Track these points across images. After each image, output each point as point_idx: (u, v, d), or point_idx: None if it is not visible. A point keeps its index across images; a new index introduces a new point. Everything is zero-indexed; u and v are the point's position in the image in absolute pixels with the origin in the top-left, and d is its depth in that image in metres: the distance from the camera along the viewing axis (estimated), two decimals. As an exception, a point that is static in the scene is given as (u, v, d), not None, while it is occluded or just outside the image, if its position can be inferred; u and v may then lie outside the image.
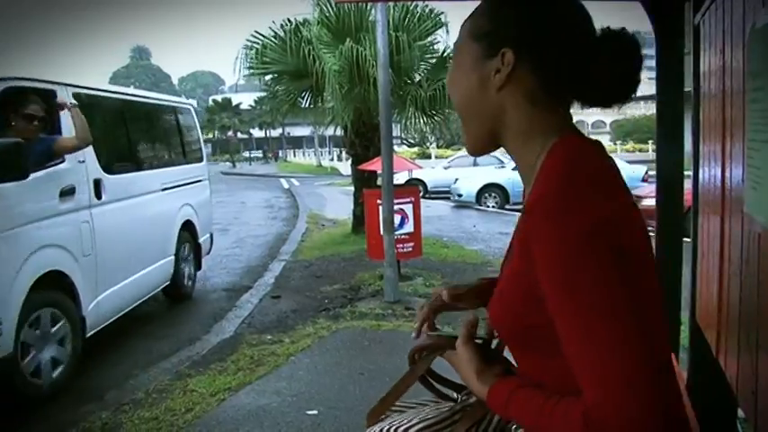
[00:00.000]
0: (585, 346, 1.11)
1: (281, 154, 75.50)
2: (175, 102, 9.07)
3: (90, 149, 5.73)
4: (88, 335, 5.58)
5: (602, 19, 1.35)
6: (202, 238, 8.68)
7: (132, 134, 7.34)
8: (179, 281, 7.84)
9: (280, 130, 77.44)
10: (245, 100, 71.42)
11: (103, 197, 5.96)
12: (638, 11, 3.17)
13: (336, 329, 6.29)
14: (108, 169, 6.14)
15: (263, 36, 11.95)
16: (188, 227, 8.13)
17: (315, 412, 4.41)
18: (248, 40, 11.95)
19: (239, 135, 76.77)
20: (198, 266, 8.59)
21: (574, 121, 1.40)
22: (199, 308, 7.85)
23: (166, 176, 7.67)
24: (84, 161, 5.67)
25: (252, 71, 12.19)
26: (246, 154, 76.12)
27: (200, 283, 9.06)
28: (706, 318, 2.57)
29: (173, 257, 7.58)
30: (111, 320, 6.11)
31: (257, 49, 11.83)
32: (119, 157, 6.80)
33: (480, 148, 1.42)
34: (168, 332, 6.82)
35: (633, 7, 3.16)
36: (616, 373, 1.07)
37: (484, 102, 1.34)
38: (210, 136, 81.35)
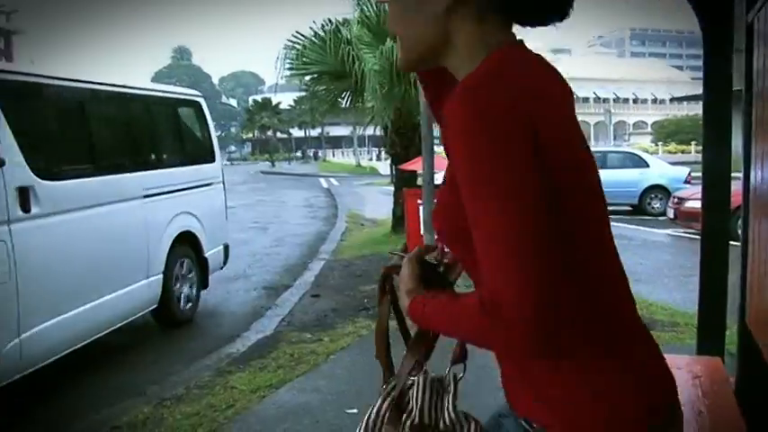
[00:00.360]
0: (487, 231, 1.12)
1: (320, 153, 75.89)
2: (172, 93, 7.75)
3: (13, 149, 4.62)
4: (9, 380, 4.49)
5: (646, 17, 1.33)
6: (210, 252, 7.42)
7: (95, 130, 5.98)
8: (171, 304, 6.66)
9: (319, 130, 77.88)
10: (285, 100, 71.90)
11: (34, 209, 4.76)
12: (685, 10, 3.12)
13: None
14: (46, 174, 4.94)
15: (304, 36, 12.03)
16: (188, 239, 6.99)
17: (355, 411, 4.41)
18: (289, 41, 12.04)
19: (279, 135, 77.34)
20: (203, 285, 7.38)
21: (614, 121, 1.37)
22: (239, 306, 7.91)
23: (151, 180, 6.40)
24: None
25: (293, 71, 12.27)
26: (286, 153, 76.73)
27: (241, 281, 9.15)
28: (757, 322, 2.52)
29: (160, 277, 6.39)
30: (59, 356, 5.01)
31: (298, 49, 11.90)
32: (67, 159, 5.60)
33: (416, 65, 1.42)
34: (208, 329, 6.89)
35: (679, 6, 3.11)
36: (508, 264, 1.08)
37: (428, 24, 1.31)
38: (250, 135, 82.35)
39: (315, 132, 79.83)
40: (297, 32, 12.08)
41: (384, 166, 38.51)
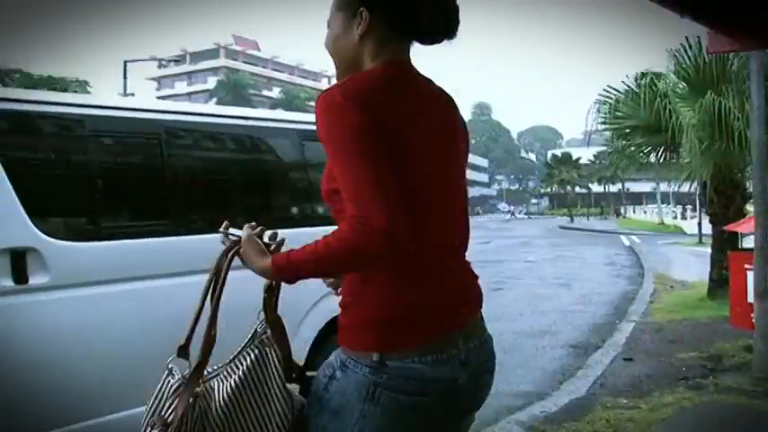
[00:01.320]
0: (346, 181, 1.64)
1: (622, 210, 73.61)
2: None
3: (2, 189, 3.34)
4: None
5: None
6: None
7: (166, 175, 4.21)
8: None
9: (619, 186, 75.61)
10: (584, 155, 71.06)
11: (33, 280, 3.38)
12: None
13: (699, 402, 5.83)
14: (62, 231, 3.64)
15: (617, 90, 11.82)
16: None
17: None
18: (600, 95, 11.90)
19: (577, 189, 76.35)
20: None
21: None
22: (547, 362, 7.79)
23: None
24: None
25: (605, 126, 12.10)
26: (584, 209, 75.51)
27: (548, 337, 9.02)
28: None
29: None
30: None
31: (610, 103, 11.71)
32: (107, 210, 4.04)
33: (347, 75, 1.88)
34: (515, 385, 6.83)
35: None
36: (367, 196, 1.60)
37: (351, 49, 1.88)
38: (549, 190, 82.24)
39: (614, 188, 77.54)
40: (609, 87, 11.91)
41: (690, 225, 36.22)
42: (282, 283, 1.92)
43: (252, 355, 1.88)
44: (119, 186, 4.13)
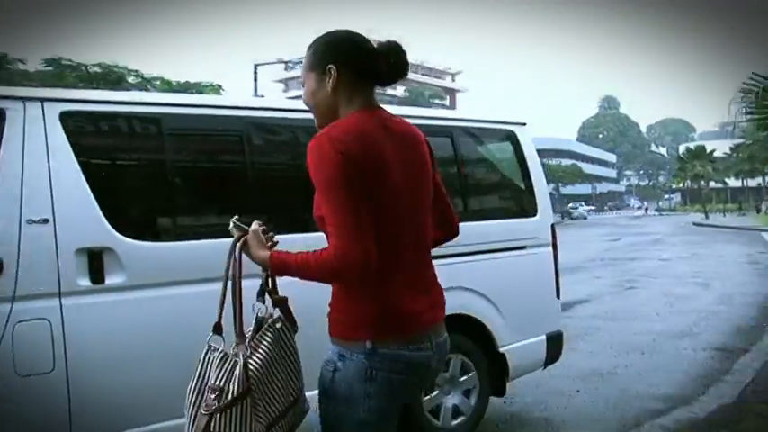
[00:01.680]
0: (331, 219, 2.09)
1: (763, 206, 69.55)
2: (446, 119, 5.19)
3: (78, 192, 3.35)
4: None
5: None
6: (513, 345, 4.92)
7: (254, 171, 4.08)
8: (416, 415, 4.34)
9: (759, 180, 71.63)
10: (720, 147, 67.78)
11: (112, 279, 3.38)
12: None
13: None
14: (138, 230, 3.56)
15: (764, 78, 11.08)
16: (469, 326, 4.71)
17: None
18: (745, 83, 11.18)
19: (712, 184, 72.80)
20: (497, 390, 5.03)
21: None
22: (690, 365, 7.37)
23: None
24: (47, 219, 3.23)
25: (750, 116, 11.39)
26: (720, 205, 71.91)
27: (688, 339, 8.55)
28: None
29: None
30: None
31: (756, 91, 10.99)
32: (183, 210, 3.98)
33: (326, 123, 2.25)
34: (656, 387, 6.50)
35: None
36: (347, 235, 2.05)
37: (327, 100, 2.28)
38: (681, 185, 78.90)
39: (753, 182, 73.50)
40: (754, 74, 11.18)
41: (841, 222, 33.72)
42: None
43: (268, 337, 2.34)
44: (196, 186, 4.06)
